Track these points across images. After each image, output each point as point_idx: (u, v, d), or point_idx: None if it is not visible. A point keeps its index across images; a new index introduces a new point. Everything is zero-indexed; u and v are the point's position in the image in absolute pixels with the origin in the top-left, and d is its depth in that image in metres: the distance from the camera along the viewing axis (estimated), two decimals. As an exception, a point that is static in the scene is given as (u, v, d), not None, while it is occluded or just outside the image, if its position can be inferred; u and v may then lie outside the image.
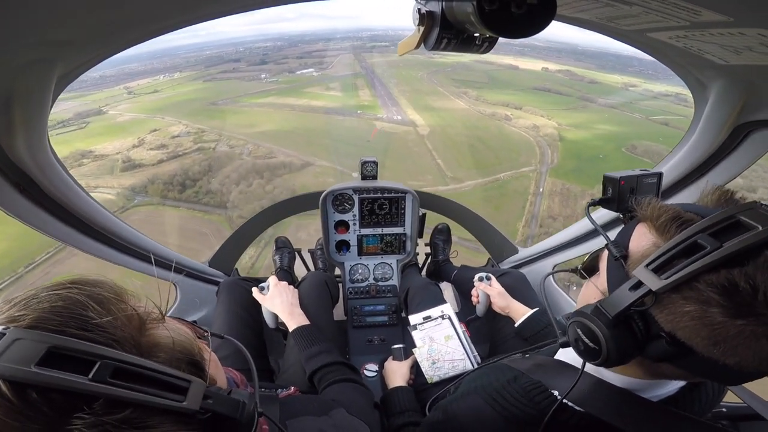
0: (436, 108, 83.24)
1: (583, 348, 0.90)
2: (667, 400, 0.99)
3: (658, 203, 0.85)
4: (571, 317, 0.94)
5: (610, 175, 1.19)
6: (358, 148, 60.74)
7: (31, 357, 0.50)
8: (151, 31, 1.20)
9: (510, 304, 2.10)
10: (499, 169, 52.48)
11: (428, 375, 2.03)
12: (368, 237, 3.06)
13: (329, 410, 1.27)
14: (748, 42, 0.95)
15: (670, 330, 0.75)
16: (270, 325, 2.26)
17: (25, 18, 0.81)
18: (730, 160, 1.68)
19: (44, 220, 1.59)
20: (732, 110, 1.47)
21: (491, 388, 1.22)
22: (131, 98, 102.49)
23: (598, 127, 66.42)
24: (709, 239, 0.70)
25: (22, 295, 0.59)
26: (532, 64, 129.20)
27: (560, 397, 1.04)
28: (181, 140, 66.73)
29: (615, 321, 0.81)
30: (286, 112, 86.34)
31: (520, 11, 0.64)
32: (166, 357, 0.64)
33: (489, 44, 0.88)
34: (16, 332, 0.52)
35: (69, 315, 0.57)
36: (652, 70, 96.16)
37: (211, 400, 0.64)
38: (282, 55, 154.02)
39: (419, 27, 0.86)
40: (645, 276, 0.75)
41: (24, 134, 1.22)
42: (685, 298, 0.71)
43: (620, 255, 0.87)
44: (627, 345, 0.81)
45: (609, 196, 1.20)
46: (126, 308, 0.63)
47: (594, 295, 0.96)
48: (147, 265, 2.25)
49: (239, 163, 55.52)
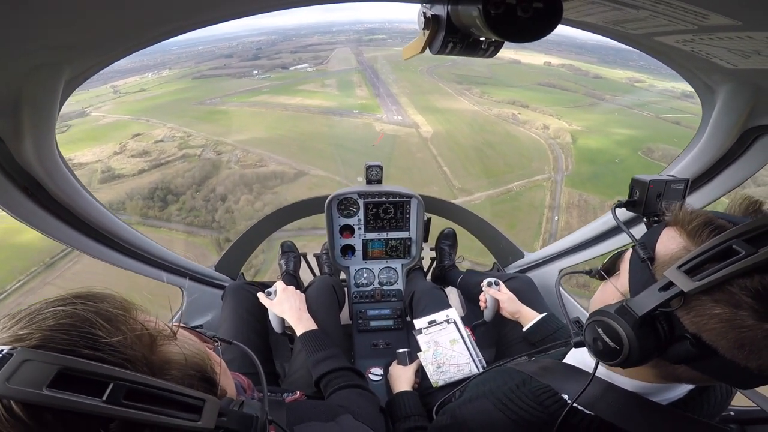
0: (439, 108, 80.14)
1: (602, 348, 0.89)
2: (676, 403, 0.99)
3: (689, 208, 0.86)
4: (591, 317, 0.94)
5: (639, 178, 1.20)
6: (357, 155, 56.64)
7: (41, 379, 0.49)
8: (157, 35, 1.21)
9: (520, 309, 2.09)
10: (510, 177, 47.96)
11: (433, 379, 2.02)
12: (373, 241, 3.06)
13: (336, 416, 1.26)
14: (756, 46, 0.94)
15: (695, 332, 0.76)
16: (276, 330, 2.26)
17: (33, 22, 0.81)
18: (738, 164, 1.67)
19: (51, 224, 1.60)
20: (740, 115, 1.46)
21: (500, 392, 1.22)
22: (117, 98, 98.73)
23: (611, 129, 62.48)
24: (744, 245, 0.71)
25: (26, 310, 0.58)
26: (533, 57, 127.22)
27: (570, 402, 1.04)
28: (165, 146, 62.18)
29: (641, 321, 0.81)
30: (278, 112, 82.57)
31: (526, 15, 0.64)
32: (179, 374, 0.63)
33: (495, 48, 0.88)
34: (24, 353, 0.51)
35: (77, 333, 0.56)
36: (654, 65, 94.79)
37: (226, 417, 0.64)
38: (276, 50, 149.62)
39: (424, 31, 0.86)
40: (677, 277, 0.76)
41: (32, 138, 1.23)
42: (715, 301, 0.72)
43: (647, 257, 0.87)
44: (650, 345, 0.82)
45: (636, 198, 1.21)
46: (136, 326, 0.62)
47: (612, 295, 0.96)
48: (153, 269, 2.26)
49: (226, 174, 50.97)
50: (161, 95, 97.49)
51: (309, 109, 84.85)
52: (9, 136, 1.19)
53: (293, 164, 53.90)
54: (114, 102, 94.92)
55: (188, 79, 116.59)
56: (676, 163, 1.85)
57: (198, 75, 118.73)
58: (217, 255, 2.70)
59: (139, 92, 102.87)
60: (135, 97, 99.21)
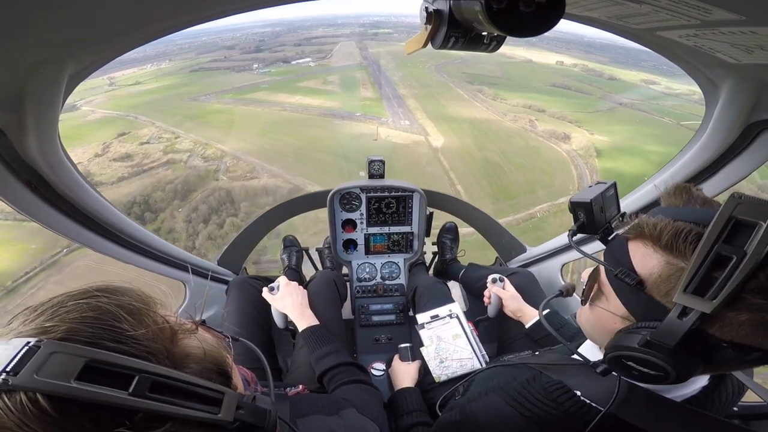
0: (451, 115, 74.28)
1: (643, 376, 0.90)
2: (689, 400, 0.99)
3: (646, 219, 0.86)
4: (610, 351, 0.93)
5: (577, 199, 1.13)
6: (360, 166, 47.96)
7: (69, 371, 0.50)
8: (160, 30, 1.21)
9: (522, 308, 2.09)
10: (532, 199, 43.46)
11: (436, 374, 2.03)
12: (375, 236, 3.06)
13: (340, 410, 1.27)
14: (759, 41, 0.93)
15: (731, 339, 0.77)
16: (279, 325, 2.26)
17: (36, 17, 0.82)
18: (741, 159, 1.67)
19: (55, 218, 1.61)
20: (743, 109, 1.46)
21: (510, 388, 1.22)
22: (110, 91, 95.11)
23: (645, 146, 56.33)
24: (728, 248, 0.72)
25: (48, 303, 0.58)
26: (545, 56, 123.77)
27: (603, 409, 1.03)
28: (150, 148, 58.43)
29: (675, 349, 0.81)
30: (275, 113, 77.45)
31: (528, 10, 0.64)
32: (198, 368, 0.64)
33: (497, 43, 0.88)
34: (51, 345, 0.51)
35: (101, 326, 0.56)
36: (667, 66, 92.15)
37: (243, 410, 0.64)
38: (279, 42, 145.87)
39: (426, 25, 0.86)
40: (690, 301, 0.76)
41: (35, 133, 1.23)
42: (737, 310, 0.73)
43: (635, 282, 0.86)
44: (693, 363, 0.83)
45: (583, 221, 1.14)
46: (157, 319, 0.63)
47: (612, 321, 0.96)
48: (156, 264, 2.27)
49: (212, 187, 45.50)
50: (155, 89, 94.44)
51: (309, 109, 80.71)
52: (12, 130, 1.20)
53: (288, 177, 50.22)
54: (106, 95, 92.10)
55: (186, 72, 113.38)
56: (680, 157, 1.84)
57: (196, 68, 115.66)
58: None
59: (134, 85, 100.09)
60: (128, 91, 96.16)
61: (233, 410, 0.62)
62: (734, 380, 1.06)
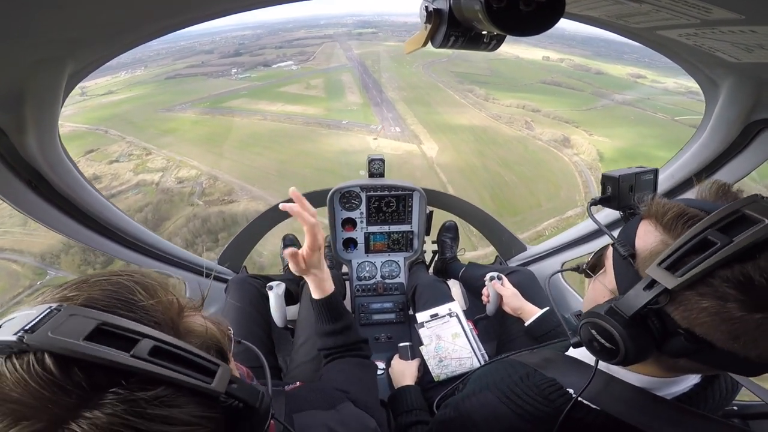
0: (446, 122, 70.58)
1: (600, 348, 0.90)
2: (681, 397, 0.99)
3: (661, 200, 0.86)
4: (583, 318, 0.93)
5: (608, 173, 1.20)
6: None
7: (80, 331, 0.54)
8: (160, 29, 1.21)
9: (523, 305, 2.08)
10: (538, 214, 41.17)
11: (435, 373, 2.03)
12: (375, 234, 3.06)
13: (336, 404, 1.27)
14: (759, 39, 0.94)
15: (688, 326, 0.76)
16: (278, 324, 2.26)
17: (37, 17, 0.82)
18: (741, 158, 1.67)
19: (54, 216, 1.61)
20: (743, 108, 1.46)
21: (503, 385, 1.22)
22: (81, 101, 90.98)
23: (654, 152, 52.83)
24: (718, 234, 0.71)
25: (74, 280, 0.64)
26: (530, 52, 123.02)
27: (575, 396, 1.04)
28: (120, 167, 55.27)
29: (632, 321, 0.81)
30: (255, 122, 72.36)
31: (528, 9, 0.64)
32: (199, 342, 0.67)
33: (497, 42, 0.88)
34: (71, 309, 0.56)
35: (117, 298, 0.62)
36: (649, 57, 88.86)
37: (236, 385, 0.66)
38: (259, 45, 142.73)
39: (426, 25, 0.86)
40: (659, 274, 0.76)
41: (35, 132, 1.24)
42: (701, 295, 0.72)
43: (628, 254, 0.87)
44: (644, 343, 0.82)
45: (609, 194, 1.20)
46: (169, 296, 0.68)
47: (603, 294, 0.96)
48: (156, 263, 2.27)
49: (187, 215, 41.53)
50: (127, 99, 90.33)
51: (291, 117, 76.01)
52: (12, 129, 1.20)
53: (270, 200, 43.21)
54: (76, 106, 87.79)
55: (161, 79, 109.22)
56: (680, 156, 1.85)
57: (172, 74, 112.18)
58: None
59: (106, 95, 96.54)
60: (100, 101, 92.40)
61: (226, 383, 0.64)
62: (727, 378, 1.05)
